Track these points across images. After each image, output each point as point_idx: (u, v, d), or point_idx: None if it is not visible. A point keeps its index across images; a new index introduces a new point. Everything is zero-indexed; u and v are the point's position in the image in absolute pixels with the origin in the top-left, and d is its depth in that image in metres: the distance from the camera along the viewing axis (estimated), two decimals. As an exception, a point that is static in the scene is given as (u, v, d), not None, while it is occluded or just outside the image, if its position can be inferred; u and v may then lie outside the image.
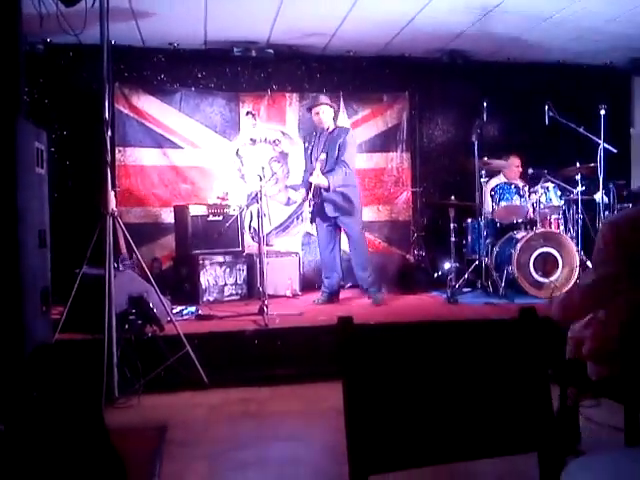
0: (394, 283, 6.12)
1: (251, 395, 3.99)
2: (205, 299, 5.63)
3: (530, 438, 1.54)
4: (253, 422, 3.59)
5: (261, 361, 4.25)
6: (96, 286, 3.85)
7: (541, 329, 1.67)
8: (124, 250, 5.00)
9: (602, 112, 5.42)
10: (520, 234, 5.72)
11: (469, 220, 6.15)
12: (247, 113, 5.60)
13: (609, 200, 5.75)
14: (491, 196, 5.91)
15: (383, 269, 6.21)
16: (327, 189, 5.31)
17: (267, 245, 5.54)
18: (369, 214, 6.66)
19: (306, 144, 5.73)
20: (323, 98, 5.61)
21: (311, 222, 5.68)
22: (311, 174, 5.36)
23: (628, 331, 2.34)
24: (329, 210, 5.41)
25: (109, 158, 3.90)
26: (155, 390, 3.88)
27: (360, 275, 5.55)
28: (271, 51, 6.35)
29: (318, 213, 5.47)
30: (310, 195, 5.36)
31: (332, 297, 5.62)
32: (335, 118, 5.72)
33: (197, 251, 5.73)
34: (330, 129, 5.52)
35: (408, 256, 6.69)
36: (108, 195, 3.90)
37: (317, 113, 5.51)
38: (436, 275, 6.34)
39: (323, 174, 5.32)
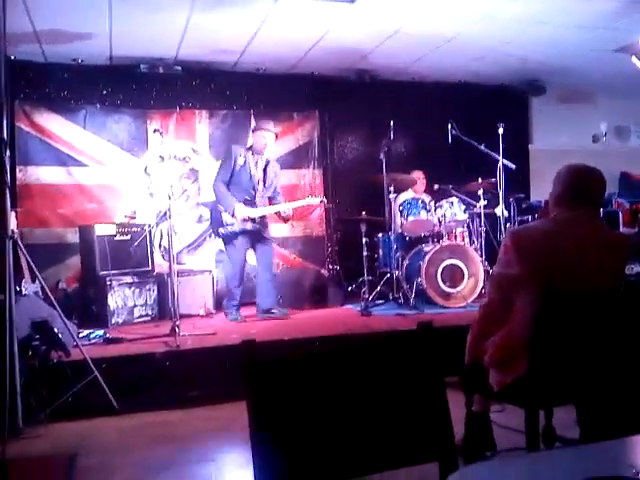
0: (309, 297, 6.17)
1: (163, 418, 3.90)
2: (114, 321, 5.43)
3: (431, 448, 1.59)
4: (166, 446, 3.51)
5: (173, 383, 4.16)
6: (-4, 312, 3.66)
7: (440, 339, 1.73)
8: (27, 273, 4.78)
9: (500, 130, 5.71)
10: (428, 247, 5.92)
11: (380, 234, 6.30)
12: (154, 131, 5.51)
13: (509, 213, 6.05)
14: (400, 211, 6.09)
15: (298, 284, 6.25)
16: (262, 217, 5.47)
17: (178, 263, 5.46)
18: (284, 230, 6.69)
19: (241, 160, 5.50)
20: (269, 124, 5.64)
21: (223, 238, 5.60)
22: (252, 203, 5.44)
23: (533, 331, 2.47)
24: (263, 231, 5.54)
25: (8, 179, 3.74)
26: (63, 418, 3.74)
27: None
28: (179, 68, 6.29)
29: (250, 234, 5.50)
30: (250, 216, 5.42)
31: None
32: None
33: (104, 272, 5.54)
34: (265, 159, 5.59)
35: (323, 270, 6.76)
36: (7, 217, 3.74)
37: (264, 137, 5.53)
38: (350, 288, 6.43)
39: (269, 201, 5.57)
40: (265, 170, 5.54)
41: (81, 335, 4.69)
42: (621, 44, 5.72)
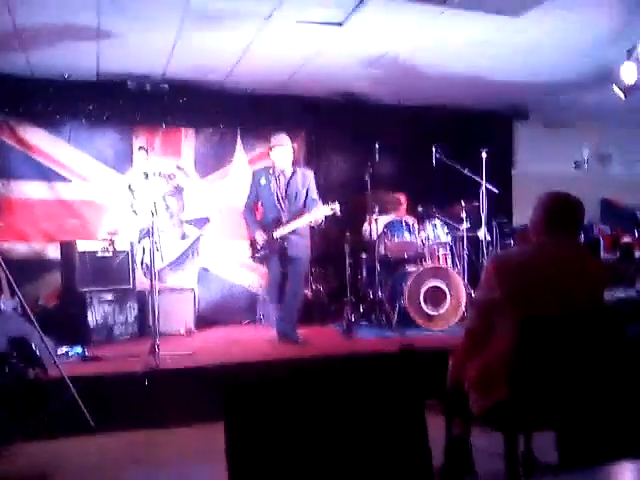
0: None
1: (142, 438, 3.85)
2: (93, 339, 5.36)
3: (408, 473, 1.58)
4: (143, 467, 3.46)
5: (152, 403, 4.10)
6: (-28, 328, 3.61)
7: (421, 362, 1.73)
8: (5, 289, 4.72)
9: (484, 154, 5.77)
10: (411, 269, 5.94)
11: (363, 255, 6.31)
12: (139, 148, 5.49)
13: (492, 236, 6.09)
14: (384, 232, 6.11)
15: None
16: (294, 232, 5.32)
17: (160, 281, 5.42)
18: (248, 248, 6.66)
19: (263, 181, 5.47)
20: (281, 137, 5.47)
21: (261, 262, 5.62)
22: (287, 221, 5.32)
23: (513, 354, 2.49)
24: (291, 252, 5.34)
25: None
26: (39, 437, 3.69)
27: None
28: (166, 85, 6.29)
29: (280, 256, 5.38)
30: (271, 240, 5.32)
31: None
32: (294, 158, 5.62)
33: (85, 289, 5.49)
34: (289, 172, 5.43)
35: (306, 291, 6.73)
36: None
37: (281, 153, 5.40)
38: (333, 309, 6.42)
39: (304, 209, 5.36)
40: (289, 184, 5.42)
41: (59, 352, 4.64)
42: (603, 72, 5.82)
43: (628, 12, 4.73)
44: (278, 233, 5.31)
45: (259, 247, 5.40)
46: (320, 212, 5.29)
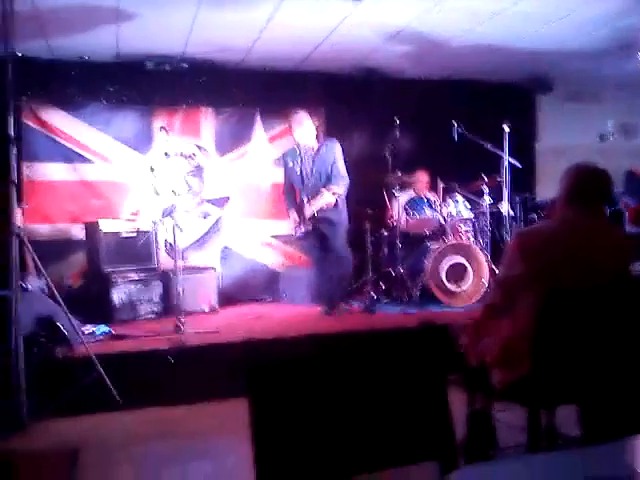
0: (314, 295, 6.17)
1: (167, 414, 3.91)
2: (119, 318, 5.44)
3: (431, 447, 1.59)
4: (169, 442, 3.53)
5: (177, 380, 4.16)
6: (1, 308, 3.68)
7: (444, 338, 1.73)
8: (32, 270, 4.80)
9: (506, 128, 5.69)
10: (433, 245, 5.91)
11: (384, 232, 6.29)
12: (160, 128, 5.51)
13: (515, 211, 6.03)
14: (405, 209, 6.08)
15: (303, 281, 6.25)
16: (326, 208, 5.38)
17: (183, 260, 5.47)
18: (289, 228, 6.68)
19: (290, 163, 5.58)
20: (302, 116, 5.50)
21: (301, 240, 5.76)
22: (308, 200, 5.39)
23: (536, 329, 2.48)
24: (324, 228, 5.46)
25: (15, 176, 3.76)
26: (67, 413, 3.76)
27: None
28: (185, 65, 6.28)
29: (315, 233, 5.51)
30: (305, 219, 5.43)
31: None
32: (318, 133, 5.69)
33: (110, 268, 5.57)
34: (315, 147, 5.47)
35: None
36: (14, 214, 3.76)
37: (300, 131, 5.44)
38: (355, 286, 6.42)
39: (322, 188, 5.37)
40: (314, 161, 5.46)
41: (86, 331, 4.71)
42: (627, 41, 5.69)
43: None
44: (307, 212, 5.36)
45: (295, 227, 5.55)
46: (324, 199, 5.37)
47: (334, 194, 5.39)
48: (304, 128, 5.44)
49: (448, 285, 5.73)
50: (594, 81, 7.22)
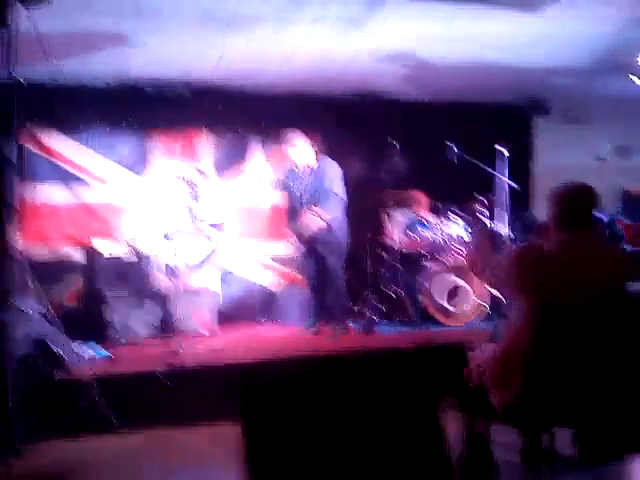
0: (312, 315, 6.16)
1: (164, 437, 3.89)
2: (117, 340, 5.43)
3: (426, 471, 1.58)
4: (166, 466, 3.50)
5: (175, 402, 4.15)
6: (-1, 330, 3.67)
7: (443, 360, 1.73)
8: (30, 291, 4.80)
9: (504, 151, 5.73)
10: (432, 266, 5.91)
11: (383, 253, 6.30)
12: (157, 151, 5.53)
13: (512, 232, 6.04)
14: (403, 230, 6.11)
15: (300, 301, 6.24)
16: (323, 228, 5.34)
17: (182, 282, 5.48)
18: (286, 248, 6.70)
19: (289, 183, 5.60)
20: (296, 135, 5.51)
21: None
22: (303, 221, 5.35)
23: (531, 346, 2.49)
24: (321, 249, 5.44)
25: (15, 200, 3.78)
26: (62, 436, 3.73)
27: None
28: (186, 89, 6.35)
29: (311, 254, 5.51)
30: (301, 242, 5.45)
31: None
32: (317, 153, 5.67)
33: (107, 291, 5.58)
34: (312, 166, 5.47)
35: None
36: (12, 237, 3.78)
37: (294, 152, 5.45)
38: (354, 307, 6.41)
39: (309, 211, 5.35)
40: (310, 181, 5.46)
41: (83, 354, 4.69)
42: (622, 63, 5.75)
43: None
44: (303, 232, 5.34)
45: (295, 245, 5.56)
46: (311, 222, 5.33)
47: (320, 217, 5.34)
48: (299, 148, 5.45)
49: (446, 305, 5.73)
50: (590, 105, 7.28)
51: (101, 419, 3.89)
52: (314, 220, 5.35)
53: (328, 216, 5.34)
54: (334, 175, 5.45)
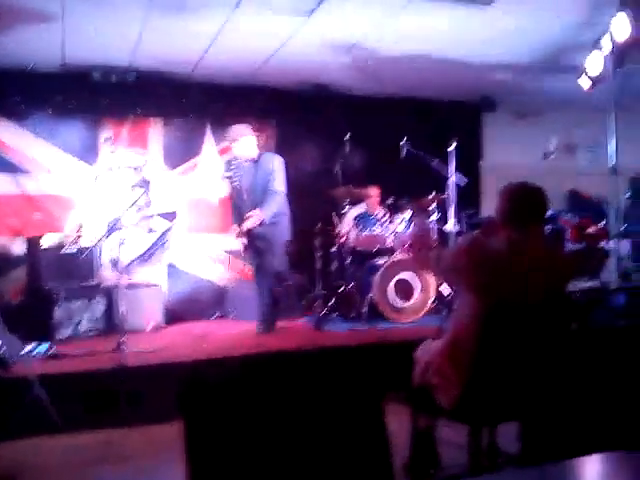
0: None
1: (106, 437, 3.81)
2: (60, 336, 5.28)
3: (368, 470, 1.58)
4: (110, 466, 3.43)
5: (118, 401, 4.06)
6: None
7: (388, 355, 1.73)
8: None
9: (453, 146, 5.79)
10: (380, 261, 5.94)
11: (333, 248, 6.30)
12: (105, 139, 5.39)
13: (460, 228, 6.12)
14: (354, 225, 6.12)
15: (252, 297, 6.18)
16: (261, 224, 5.19)
17: (127, 276, 5.36)
18: (238, 243, 6.63)
19: (231, 177, 5.41)
20: (240, 129, 5.32)
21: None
22: (245, 216, 5.20)
23: (476, 344, 2.52)
24: (259, 244, 5.30)
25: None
26: (4, 437, 3.61)
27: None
28: (133, 75, 6.19)
29: (251, 249, 5.39)
30: (244, 236, 5.28)
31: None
32: (261, 146, 5.51)
33: (51, 285, 5.41)
34: (254, 159, 5.31)
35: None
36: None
37: (236, 146, 5.28)
38: (304, 302, 6.40)
39: (254, 209, 5.18)
40: (252, 175, 5.29)
41: (24, 350, 4.55)
42: (569, 65, 5.88)
43: (595, 3, 4.77)
44: (244, 226, 5.25)
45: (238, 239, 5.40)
46: (251, 221, 5.20)
47: (260, 216, 5.19)
48: (243, 141, 5.28)
49: (395, 301, 5.77)
50: (537, 101, 7.44)
51: (44, 418, 3.77)
52: (252, 219, 5.20)
53: (267, 213, 5.20)
54: (277, 169, 5.28)
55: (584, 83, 5.73)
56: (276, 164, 5.29)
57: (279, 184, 5.27)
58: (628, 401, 2.27)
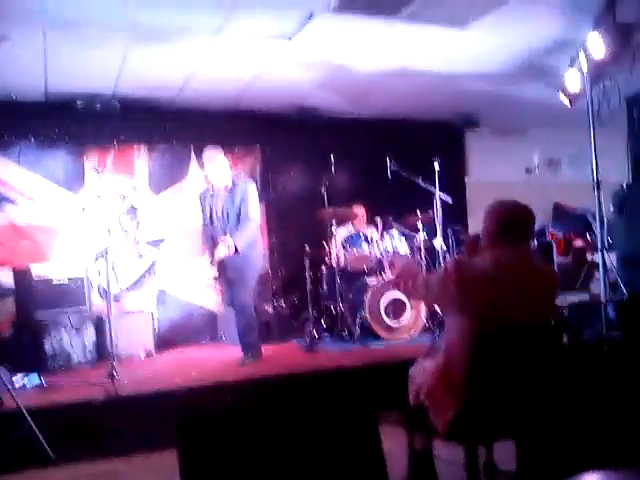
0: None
1: (102, 469, 3.75)
2: (51, 366, 5.24)
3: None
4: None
5: (112, 431, 4.01)
6: None
7: (382, 375, 1.74)
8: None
9: (436, 164, 5.84)
10: (371, 280, 5.96)
11: (323, 268, 6.32)
12: (92, 168, 5.37)
13: (447, 245, 6.17)
14: (342, 245, 6.14)
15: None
16: (236, 251, 4.97)
17: (117, 304, 5.33)
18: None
19: (203, 203, 5.27)
20: (212, 152, 5.18)
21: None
22: (215, 244, 5.05)
23: (469, 365, 2.52)
24: (230, 274, 5.10)
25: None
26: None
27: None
28: (117, 103, 6.20)
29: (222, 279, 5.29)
30: (215, 264, 5.14)
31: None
32: (234, 172, 5.39)
33: (40, 315, 5.37)
34: (228, 186, 5.14)
35: (267, 307, 6.68)
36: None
37: (209, 168, 5.13)
38: (295, 324, 6.40)
39: (227, 237, 4.99)
40: (226, 200, 5.13)
41: (15, 382, 4.50)
42: (550, 80, 5.97)
43: (570, 21, 4.86)
44: (217, 254, 5.07)
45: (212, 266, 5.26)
46: (219, 251, 5.02)
47: (233, 244, 4.98)
48: (216, 165, 5.12)
49: (387, 320, 5.78)
50: (519, 117, 7.54)
51: (36, 452, 3.72)
52: (223, 248, 5.00)
53: (240, 241, 5.00)
54: (251, 196, 5.11)
55: (564, 99, 5.81)
56: (251, 191, 5.13)
57: (253, 211, 5.11)
58: (622, 417, 2.29)
